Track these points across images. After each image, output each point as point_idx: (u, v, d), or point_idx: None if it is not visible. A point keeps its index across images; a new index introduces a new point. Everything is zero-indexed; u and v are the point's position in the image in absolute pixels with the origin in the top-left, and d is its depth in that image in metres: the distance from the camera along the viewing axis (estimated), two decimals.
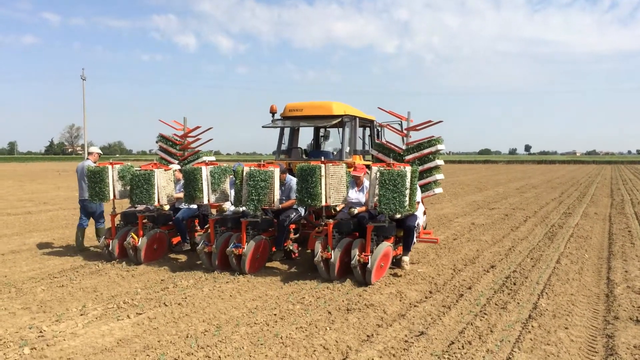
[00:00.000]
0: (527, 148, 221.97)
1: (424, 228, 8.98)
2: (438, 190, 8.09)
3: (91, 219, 9.67)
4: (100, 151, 9.34)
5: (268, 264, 7.95)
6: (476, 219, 13.40)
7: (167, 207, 8.41)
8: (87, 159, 9.17)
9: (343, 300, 6.01)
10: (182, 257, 8.57)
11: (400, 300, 6.07)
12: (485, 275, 7.26)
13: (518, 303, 5.94)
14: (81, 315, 5.55)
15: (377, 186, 6.64)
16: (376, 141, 9.04)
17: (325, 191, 6.94)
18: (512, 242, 9.83)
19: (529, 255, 8.62)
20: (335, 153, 9.71)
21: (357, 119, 9.39)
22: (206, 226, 9.07)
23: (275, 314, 5.53)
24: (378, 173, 6.61)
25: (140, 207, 8.71)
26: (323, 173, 6.89)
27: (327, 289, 6.50)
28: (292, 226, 8.29)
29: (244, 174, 7.29)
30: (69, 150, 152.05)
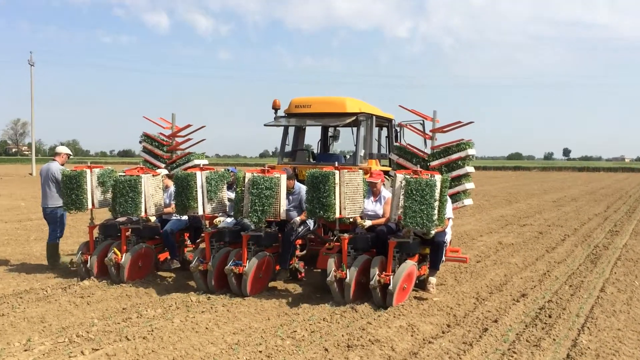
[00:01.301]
0: (566, 152, 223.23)
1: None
2: (468, 201, 8.50)
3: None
4: (69, 151, 9.71)
5: (270, 284, 8.31)
6: (504, 237, 13.58)
7: (153, 219, 8.78)
8: (54, 160, 9.52)
9: (343, 335, 6.07)
10: (170, 276, 8.93)
11: (411, 335, 6.15)
12: (515, 306, 7.38)
13: (554, 340, 6.01)
14: (25, 350, 5.53)
15: (401, 197, 7.03)
16: (396, 144, 9.45)
17: (340, 201, 7.34)
18: (547, 266, 10.01)
19: (567, 281, 8.77)
20: (348, 157, 10.13)
21: (374, 118, 9.84)
22: (198, 240, 9.47)
23: (260, 351, 5.55)
24: (404, 181, 7.00)
25: (121, 218, 9.09)
26: (337, 180, 7.28)
27: (324, 320, 6.62)
28: (298, 242, 8.68)
29: (246, 181, 7.68)
30: (13, 150, 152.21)
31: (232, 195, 8.38)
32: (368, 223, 7.70)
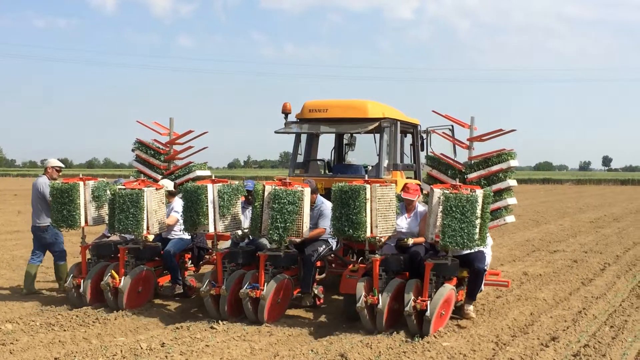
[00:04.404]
0: (606, 161, 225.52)
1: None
2: (510, 218, 9.49)
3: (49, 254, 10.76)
4: (58, 164, 10.54)
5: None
6: (530, 266, 13.84)
7: (151, 237, 9.68)
8: (42, 174, 10.44)
9: None
10: (172, 305, 9.77)
11: None
12: (544, 352, 7.51)
13: None
14: None
15: (439, 214, 8.02)
16: (430, 153, 10.45)
17: (371, 219, 8.30)
18: (582, 302, 10.21)
19: (607, 321, 8.95)
20: (370, 168, 11.12)
21: (399, 124, 10.87)
22: (201, 262, 10.40)
23: None
24: (442, 197, 8.00)
25: (113, 237, 9.98)
26: (368, 196, 8.23)
27: None
28: (317, 263, 9.63)
29: (266, 194, 8.62)
30: None
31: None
32: (411, 242, 8.65)
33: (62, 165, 10.66)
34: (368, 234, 8.27)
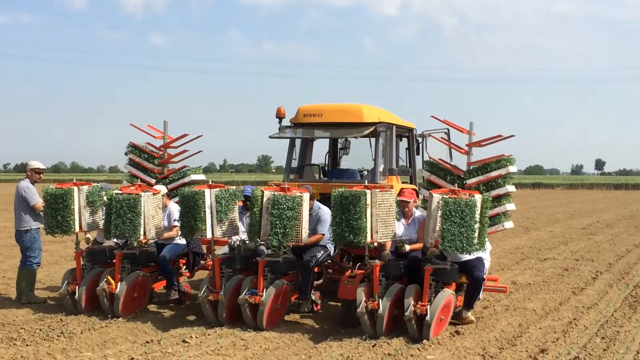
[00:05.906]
0: (599, 165, 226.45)
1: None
2: (508, 224, 9.80)
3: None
4: (40, 165, 10.68)
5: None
6: (519, 275, 13.86)
7: (151, 242, 9.92)
8: (25, 178, 10.63)
9: None
10: (167, 312, 9.96)
11: None
12: None
13: None
14: None
15: (438, 219, 8.33)
16: (427, 159, 10.78)
17: (372, 224, 8.59)
18: (573, 313, 10.24)
19: (599, 332, 8.98)
20: (365, 172, 11.43)
21: (394, 128, 11.19)
22: (195, 268, 10.65)
23: None
24: (441, 202, 8.31)
25: (107, 242, 10.21)
26: (369, 201, 8.54)
27: None
28: (315, 269, 9.91)
29: (265, 200, 8.89)
30: None
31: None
32: (407, 248, 8.95)
33: (43, 167, 10.77)
34: (368, 239, 8.56)
